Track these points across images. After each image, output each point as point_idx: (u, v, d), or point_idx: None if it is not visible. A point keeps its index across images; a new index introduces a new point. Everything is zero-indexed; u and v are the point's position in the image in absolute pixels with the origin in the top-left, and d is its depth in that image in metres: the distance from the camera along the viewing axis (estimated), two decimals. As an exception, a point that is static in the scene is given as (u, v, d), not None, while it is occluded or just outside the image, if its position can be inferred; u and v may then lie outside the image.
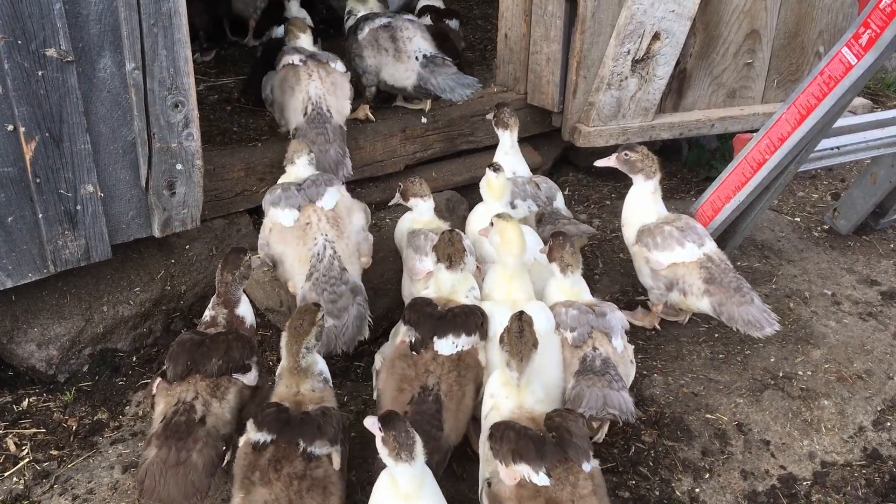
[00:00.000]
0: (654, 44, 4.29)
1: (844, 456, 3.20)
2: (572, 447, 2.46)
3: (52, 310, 3.37)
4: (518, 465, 2.42)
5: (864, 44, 3.30)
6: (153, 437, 2.58)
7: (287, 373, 2.72)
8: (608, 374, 2.95)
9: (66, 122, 2.91)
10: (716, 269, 3.46)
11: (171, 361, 2.74)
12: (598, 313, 3.12)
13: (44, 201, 2.97)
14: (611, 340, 3.08)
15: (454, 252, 3.07)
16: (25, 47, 2.75)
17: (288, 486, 2.42)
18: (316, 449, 2.48)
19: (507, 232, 3.09)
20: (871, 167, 4.34)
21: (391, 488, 2.35)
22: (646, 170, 3.65)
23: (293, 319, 2.72)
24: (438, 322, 2.92)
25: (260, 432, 2.50)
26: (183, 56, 3.08)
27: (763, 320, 3.30)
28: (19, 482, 2.94)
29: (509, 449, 2.45)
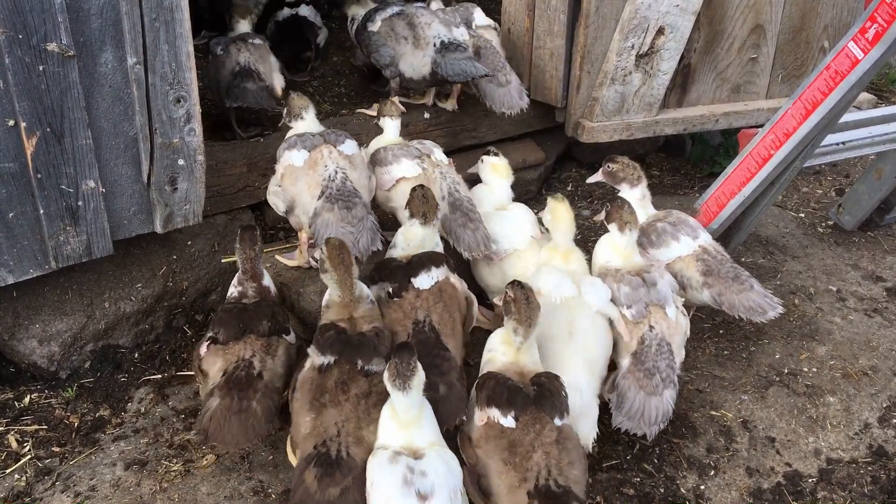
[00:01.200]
0: (659, 39, 4.26)
1: (850, 453, 3.19)
2: (548, 402, 2.66)
3: (54, 306, 3.36)
4: (489, 409, 2.66)
5: (871, 38, 3.28)
6: (216, 389, 2.83)
7: (340, 306, 2.92)
8: (657, 374, 3.00)
9: (67, 117, 2.89)
10: (712, 260, 3.46)
11: (223, 326, 2.99)
12: (650, 283, 3.17)
13: (45, 197, 2.95)
14: (665, 311, 3.14)
15: (429, 209, 3.20)
16: (26, 42, 2.73)
17: (356, 405, 2.65)
18: (373, 367, 2.74)
19: (559, 211, 3.32)
20: (877, 163, 4.32)
21: (392, 418, 2.54)
22: (628, 178, 3.68)
23: (333, 256, 2.88)
24: (408, 267, 3.11)
25: (323, 356, 2.74)
26: (185, 51, 3.06)
27: (765, 304, 3.33)
28: (21, 479, 2.93)
29: (486, 395, 2.70)
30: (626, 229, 3.27)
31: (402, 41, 4.20)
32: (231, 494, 2.84)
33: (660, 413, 2.96)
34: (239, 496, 2.84)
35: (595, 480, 2.98)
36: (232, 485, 2.88)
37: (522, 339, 2.79)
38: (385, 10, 4.32)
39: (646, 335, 3.10)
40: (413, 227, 3.23)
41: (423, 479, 2.38)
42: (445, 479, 2.41)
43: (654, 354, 3.05)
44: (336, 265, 2.88)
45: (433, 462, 2.44)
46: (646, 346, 3.07)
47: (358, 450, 2.59)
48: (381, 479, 2.41)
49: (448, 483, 2.41)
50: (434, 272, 3.10)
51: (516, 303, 2.79)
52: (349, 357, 2.74)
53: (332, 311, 2.95)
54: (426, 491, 2.36)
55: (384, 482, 2.40)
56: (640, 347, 3.07)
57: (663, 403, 2.97)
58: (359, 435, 2.62)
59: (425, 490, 2.36)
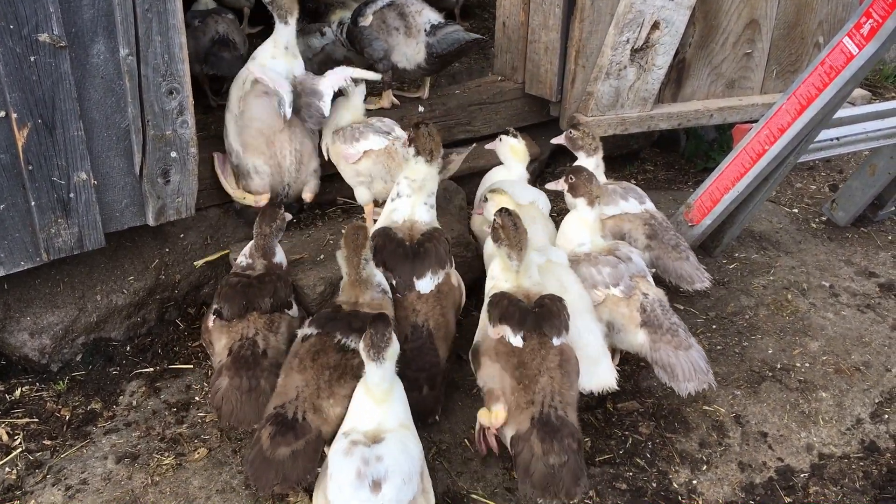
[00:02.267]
0: (654, 33, 4.25)
1: (842, 448, 3.19)
2: (548, 322, 2.83)
3: (45, 298, 3.34)
4: (501, 326, 2.83)
5: (866, 34, 3.28)
6: (223, 368, 2.91)
7: (349, 285, 3.03)
8: (679, 328, 3.11)
9: (58, 108, 2.87)
10: (658, 226, 3.66)
11: (226, 301, 3.05)
12: (625, 258, 3.26)
13: (36, 189, 2.93)
14: (648, 279, 3.26)
15: (435, 146, 3.25)
16: (17, 32, 2.71)
17: (319, 374, 2.73)
18: (350, 342, 2.80)
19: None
20: (870, 159, 4.33)
21: (365, 393, 2.56)
22: (586, 147, 3.79)
23: (349, 235, 3.00)
24: (414, 263, 3.13)
25: (308, 327, 2.88)
26: (178, 42, 3.04)
27: (695, 275, 3.53)
28: (12, 472, 2.92)
29: (499, 312, 2.86)
30: (596, 203, 3.35)
31: (394, 32, 4.20)
32: (223, 488, 2.84)
33: (703, 359, 3.06)
34: (231, 490, 2.83)
35: (588, 474, 2.97)
36: (224, 478, 2.87)
37: (518, 262, 2.95)
38: (375, 3, 4.31)
39: (644, 302, 3.17)
40: (418, 164, 3.26)
41: (378, 465, 2.39)
42: (400, 464, 2.41)
43: (662, 314, 3.14)
44: (347, 243, 3.00)
45: (390, 446, 2.45)
46: (650, 312, 3.15)
47: (314, 416, 2.66)
48: (337, 473, 2.42)
49: (402, 468, 2.41)
50: (439, 274, 3.16)
51: (504, 229, 2.94)
52: (329, 330, 2.84)
53: (343, 294, 3.06)
54: (379, 476, 2.37)
55: (339, 476, 2.41)
56: (645, 316, 3.14)
57: (699, 350, 3.08)
58: (316, 403, 2.68)
59: (378, 476, 2.37)
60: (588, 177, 3.36)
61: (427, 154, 3.25)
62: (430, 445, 3.03)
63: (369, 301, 3.00)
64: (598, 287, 3.22)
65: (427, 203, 3.31)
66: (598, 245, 3.37)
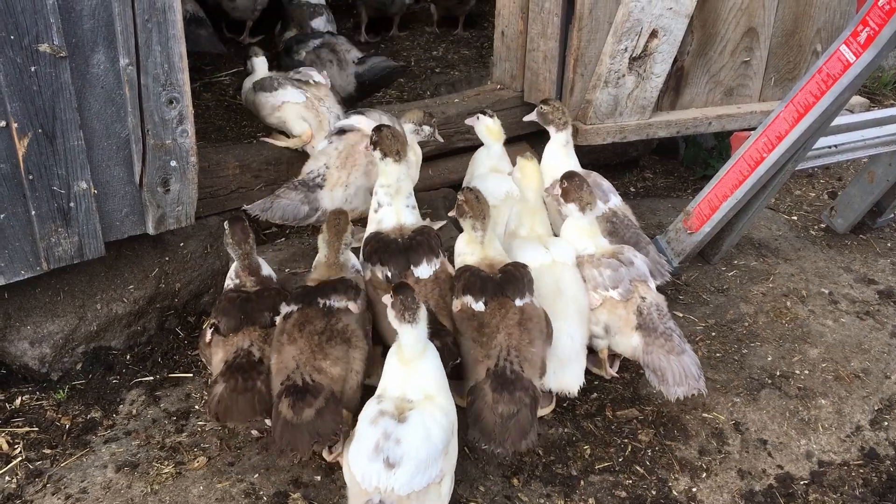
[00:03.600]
0: (652, 41, 4.27)
1: (842, 455, 3.19)
2: (511, 286, 3.01)
3: (45, 307, 3.35)
4: (464, 297, 3.03)
5: (863, 42, 3.29)
6: (219, 376, 2.90)
7: (324, 266, 3.09)
8: (674, 333, 3.13)
9: (59, 118, 2.88)
10: (619, 223, 3.74)
11: (224, 315, 3.03)
12: (627, 262, 3.28)
13: (37, 198, 2.94)
14: (648, 285, 3.28)
15: (401, 146, 3.29)
16: (18, 42, 2.72)
17: (310, 340, 2.80)
18: (334, 302, 2.89)
19: (528, 169, 3.42)
20: (869, 166, 4.34)
21: (397, 356, 2.64)
22: (556, 121, 3.85)
23: (331, 220, 3.10)
24: (408, 254, 3.18)
25: (288, 305, 2.92)
26: (177, 52, 3.05)
27: (654, 269, 3.54)
28: (12, 481, 2.92)
29: (462, 284, 3.06)
30: (588, 209, 3.38)
31: (328, 64, 4.75)
32: (222, 497, 2.84)
33: (695, 365, 3.08)
34: (230, 498, 2.83)
35: (587, 482, 2.98)
36: (223, 487, 2.87)
37: (482, 232, 3.16)
38: (308, 43, 4.91)
39: (641, 306, 3.20)
40: (388, 166, 3.29)
41: (396, 448, 2.44)
42: (418, 451, 2.45)
43: (658, 319, 3.17)
44: (329, 226, 3.10)
45: (412, 429, 2.48)
46: (646, 315, 3.17)
47: (320, 377, 2.75)
48: (360, 437, 2.52)
49: (420, 456, 2.45)
50: (434, 262, 3.20)
51: (468, 203, 3.16)
52: (309, 300, 2.89)
53: (317, 271, 3.12)
54: (395, 459, 2.43)
55: (360, 441, 2.50)
56: (641, 319, 3.17)
57: (692, 357, 3.10)
58: (315, 365, 2.77)
59: (394, 458, 2.43)
60: (579, 183, 3.38)
61: (394, 154, 3.27)
62: (429, 453, 3.02)
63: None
64: (598, 289, 3.25)
65: (409, 205, 3.34)
66: (601, 247, 3.39)
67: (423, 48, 6.17)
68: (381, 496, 2.42)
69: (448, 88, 5.35)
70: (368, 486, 2.43)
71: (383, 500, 2.42)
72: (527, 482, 2.96)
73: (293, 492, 2.85)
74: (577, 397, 3.33)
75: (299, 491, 2.86)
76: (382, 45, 6.27)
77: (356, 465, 2.48)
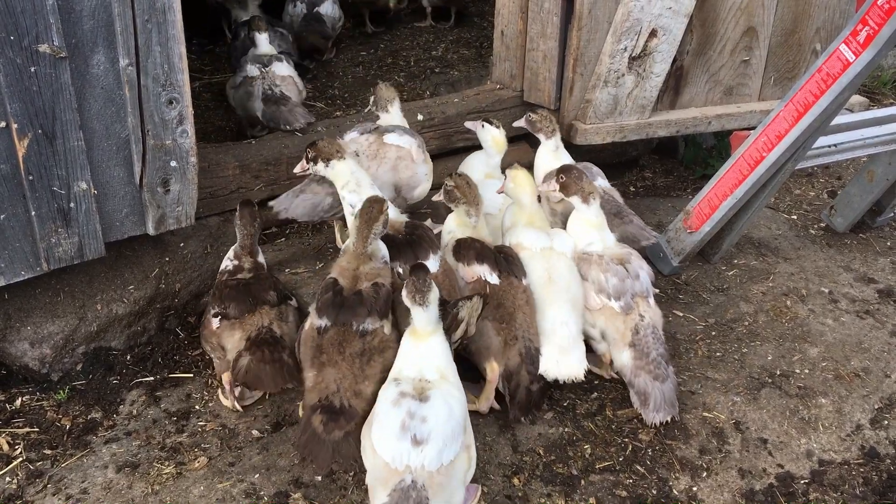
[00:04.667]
0: (651, 41, 4.27)
1: (842, 454, 3.19)
2: (514, 266, 3.24)
3: (46, 308, 3.35)
4: (479, 266, 3.19)
5: (862, 41, 3.29)
6: (243, 351, 3.05)
7: (352, 254, 3.07)
8: (662, 361, 3.19)
9: (59, 118, 2.88)
10: (603, 202, 3.70)
11: (232, 301, 3.17)
12: (633, 275, 3.31)
13: (37, 199, 2.94)
14: (648, 301, 3.32)
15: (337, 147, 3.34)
16: (18, 43, 2.72)
17: (352, 364, 2.85)
18: (368, 325, 2.91)
19: (520, 178, 3.49)
20: (868, 165, 4.34)
21: (412, 335, 2.74)
22: (544, 129, 3.90)
23: (364, 206, 3.06)
24: (415, 249, 3.22)
25: (321, 318, 2.92)
26: (177, 52, 3.05)
27: (639, 234, 3.70)
28: (12, 482, 2.92)
29: (474, 254, 3.22)
30: (591, 199, 3.40)
31: None
32: (223, 497, 2.84)
33: (673, 391, 3.18)
34: (231, 499, 2.83)
35: (587, 482, 2.98)
36: (224, 487, 2.87)
37: (476, 217, 3.30)
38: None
39: (639, 325, 3.24)
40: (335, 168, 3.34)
41: (422, 426, 2.51)
42: (443, 426, 2.52)
43: (652, 343, 3.22)
44: (361, 214, 3.07)
45: (436, 407, 2.56)
46: (642, 336, 3.22)
47: (357, 401, 2.81)
48: (383, 418, 2.57)
49: (445, 431, 2.52)
50: (438, 254, 3.26)
51: (460, 188, 3.28)
52: (343, 320, 2.90)
53: (345, 257, 3.10)
54: (422, 437, 2.49)
55: (384, 422, 2.56)
56: (635, 338, 3.21)
57: (673, 382, 3.20)
58: (356, 389, 2.83)
59: (422, 436, 2.49)
60: (577, 174, 3.41)
61: (336, 155, 3.33)
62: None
63: (368, 271, 3.04)
64: (601, 294, 3.27)
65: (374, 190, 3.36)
66: (609, 245, 3.42)
67: (422, 48, 6.17)
68: (413, 475, 2.47)
69: (447, 88, 5.35)
70: (399, 466, 2.48)
71: (415, 479, 2.47)
72: (527, 482, 2.96)
73: (294, 492, 2.85)
74: (577, 397, 3.34)
75: (300, 491, 2.86)
76: (386, 38, 6.26)
77: (384, 446, 2.52)
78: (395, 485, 2.47)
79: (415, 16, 6.68)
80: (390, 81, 5.27)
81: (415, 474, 2.47)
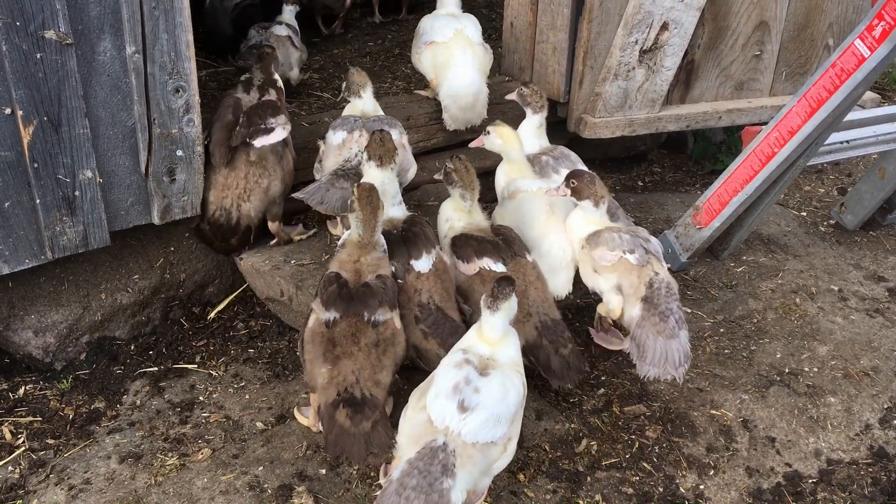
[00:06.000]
0: (663, 34, 4.23)
1: (850, 454, 3.17)
2: (517, 244, 3.29)
3: (50, 297, 3.33)
4: (481, 260, 3.19)
5: (878, 36, 3.25)
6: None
7: (355, 245, 3.02)
8: (672, 316, 3.12)
9: (64, 106, 2.86)
10: None
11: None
12: (644, 238, 3.32)
13: (42, 186, 2.92)
14: (662, 264, 3.30)
15: (385, 152, 3.29)
16: (24, 29, 2.69)
17: (369, 354, 2.81)
18: (379, 316, 2.87)
19: (505, 133, 3.64)
20: (880, 162, 4.30)
21: (477, 337, 2.71)
22: (533, 104, 3.93)
23: (362, 197, 2.98)
24: (408, 246, 3.18)
25: (328, 311, 2.85)
26: (184, 40, 3.03)
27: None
28: (15, 471, 2.90)
29: (473, 250, 3.22)
30: (601, 203, 3.39)
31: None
32: (226, 489, 2.82)
33: (681, 354, 3.07)
34: (234, 490, 2.81)
35: (594, 479, 2.95)
36: (227, 479, 2.85)
37: (471, 201, 3.31)
38: None
39: (653, 279, 3.20)
40: (371, 169, 3.30)
41: (473, 395, 2.51)
42: (494, 405, 2.51)
43: (665, 297, 3.17)
44: (363, 205, 2.99)
45: (492, 384, 2.55)
46: (655, 289, 3.17)
47: (378, 390, 2.78)
48: (441, 378, 2.59)
49: (493, 410, 2.51)
50: (432, 253, 3.20)
51: (458, 172, 3.30)
52: (354, 311, 2.86)
53: (345, 250, 3.04)
54: (469, 405, 2.49)
55: (441, 381, 2.58)
56: (649, 291, 3.17)
57: (682, 344, 3.09)
58: (375, 379, 2.79)
59: (469, 404, 2.49)
60: (590, 179, 3.37)
61: (377, 159, 3.28)
62: (435, 448, 3.00)
63: (370, 262, 3.01)
64: (615, 249, 3.24)
65: (395, 203, 3.36)
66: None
67: (430, 39, 6.12)
68: (446, 438, 2.47)
69: (456, 80, 5.30)
70: (441, 424, 2.49)
71: (447, 442, 2.47)
72: (533, 478, 2.93)
73: (298, 485, 2.83)
74: (584, 393, 3.31)
75: (304, 484, 2.84)
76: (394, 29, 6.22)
77: (432, 402, 2.54)
78: (426, 442, 2.47)
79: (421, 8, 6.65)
80: (398, 72, 5.23)
81: (448, 438, 2.47)
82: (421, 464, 2.44)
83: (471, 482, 2.50)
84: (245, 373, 3.40)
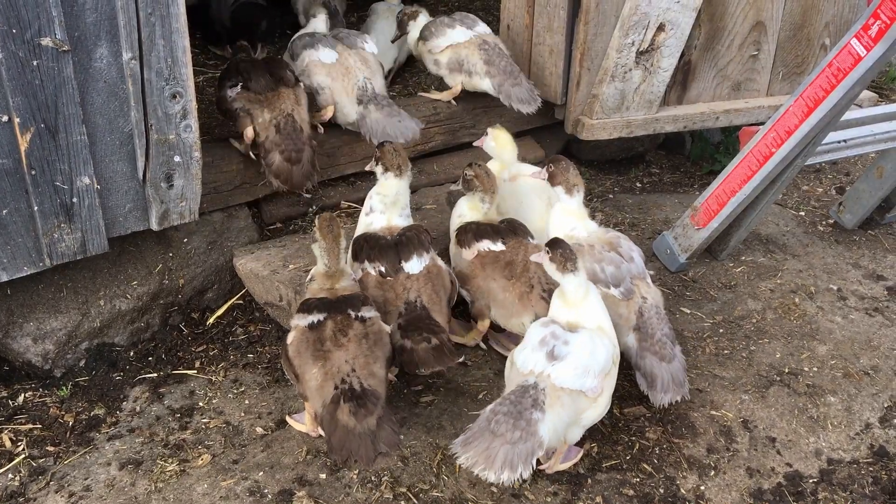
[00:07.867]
0: (659, 35, 4.23)
1: (851, 453, 3.16)
2: (520, 230, 3.38)
3: (48, 304, 3.33)
4: (479, 243, 3.30)
5: (874, 35, 3.25)
6: (273, 145, 3.62)
7: (324, 276, 3.04)
8: (668, 340, 3.17)
9: (61, 112, 2.86)
10: (492, 50, 4.12)
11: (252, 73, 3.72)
12: (627, 258, 3.31)
13: (39, 193, 2.92)
14: (646, 281, 3.32)
15: (402, 161, 3.37)
16: (20, 36, 2.69)
17: (360, 344, 2.79)
18: (365, 313, 2.89)
19: (501, 138, 3.74)
20: (878, 161, 4.30)
21: (561, 302, 2.84)
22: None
23: (322, 227, 3.01)
24: (398, 249, 3.23)
25: (311, 315, 2.85)
26: (181, 46, 3.02)
27: (530, 98, 4.13)
28: (14, 479, 2.90)
29: (472, 234, 3.32)
30: (575, 191, 3.41)
31: None
32: (227, 495, 2.82)
33: (682, 371, 3.16)
34: (235, 496, 2.81)
35: (594, 480, 2.95)
36: (227, 485, 2.85)
37: (490, 204, 3.44)
38: None
39: (643, 307, 3.22)
40: (388, 179, 3.37)
41: (562, 347, 2.68)
42: (582, 356, 2.67)
43: (656, 323, 3.19)
44: (325, 234, 3.00)
45: (581, 338, 2.72)
46: (646, 317, 3.20)
47: (374, 381, 2.73)
48: (529, 335, 2.79)
49: (582, 360, 2.66)
50: (424, 257, 3.24)
51: (479, 178, 3.42)
52: (339, 310, 2.87)
53: (315, 283, 3.06)
54: (559, 354, 2.67)
55: (528, 337, 2.77)
56: (640, 320, 3.20)
57: (680, 362, 3.18)
58: (371, 370, 2.76)
59: (559, 353, 2.67)
60: (565, 166, 3.42)
61: (395, 169, 3.34)
62: (436, 450, 3.00)
63: (343, 288, 3.03)
64: (599, 285, 3.20)
65: (402, 215, 3.41)
66: (591, 230, 3.40)
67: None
68: (536, 378, 2.65)
69: (453, 83, 5.30)
70: (524, 369, 2.67)
71: (537, 381, 2.64)
72: (534, 480, 2.93)
73: (298, 490, 2.83)
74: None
75: (304, 489, 2.84)
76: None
77: (519, 353, 2.72)
78: (520, 381, 2.66)
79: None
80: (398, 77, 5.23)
81: (539, 378, 2.64)
82: (513, 396, 2.64)
83: (560, 426, 2.65)
84: (244, 378, 3.39)
